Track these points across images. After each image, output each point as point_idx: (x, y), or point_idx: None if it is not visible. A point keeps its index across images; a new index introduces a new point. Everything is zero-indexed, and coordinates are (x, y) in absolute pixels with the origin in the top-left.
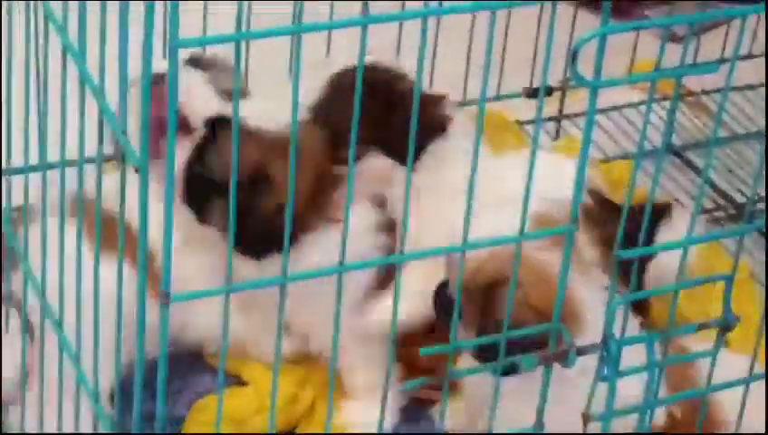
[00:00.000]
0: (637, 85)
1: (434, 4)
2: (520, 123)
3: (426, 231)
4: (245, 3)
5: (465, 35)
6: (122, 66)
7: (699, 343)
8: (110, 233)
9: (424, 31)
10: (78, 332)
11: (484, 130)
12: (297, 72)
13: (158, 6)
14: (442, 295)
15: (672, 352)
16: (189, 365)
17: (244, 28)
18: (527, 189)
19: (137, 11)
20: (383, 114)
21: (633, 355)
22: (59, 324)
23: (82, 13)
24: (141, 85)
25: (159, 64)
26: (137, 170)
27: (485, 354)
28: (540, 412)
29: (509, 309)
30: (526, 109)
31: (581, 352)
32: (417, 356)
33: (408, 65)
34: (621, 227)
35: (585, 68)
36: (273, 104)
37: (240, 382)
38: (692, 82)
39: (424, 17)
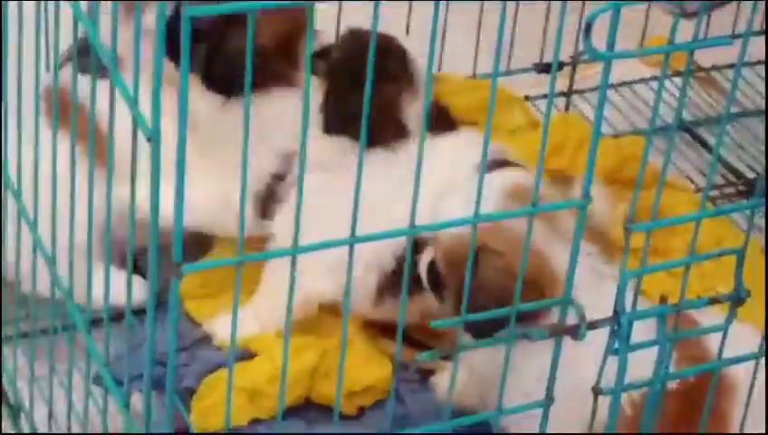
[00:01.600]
0: (647, 60)
1: None
2: (528, 99)
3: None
4: None
5: (475, 10)
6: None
7: (709, 315)
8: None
9: (436, 6)
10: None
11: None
12: (310, 45)
13: None
14: (433, 270)
15: (683, 325)
16: (196, 340)
17: None
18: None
19: None
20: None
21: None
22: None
23: None
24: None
25: None
26: (148, 140)
27: (477, 326)
28: (550, 386)
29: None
30: (532, 84)
31: (592, 326)
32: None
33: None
34: (633, 202)
35: (597, 42)
36: None
37: (249, 354)
38: (703, 59)
39: None
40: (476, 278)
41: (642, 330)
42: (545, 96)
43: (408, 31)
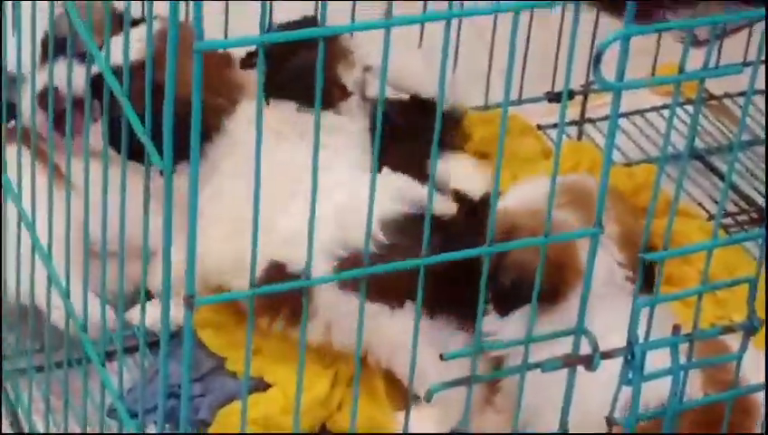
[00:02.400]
0: (658, 89)
1: (456, 6)
2: (540, 127)
3: None
4: (268, 4)
5: (486, 38)
6: (148, 72)
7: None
8: None
9: (447, 33)
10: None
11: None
12: (321, 74)
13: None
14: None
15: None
16: (211, 369)
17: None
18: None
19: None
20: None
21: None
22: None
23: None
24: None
25: None
26: (161, 173)
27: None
28: (564, 414)
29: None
30: (544, 113)
31: (606, 356)
32: None
33: (430, 68)
34: (646, 230)
35: (607, 71)
36: None
37: (264, 384)
38: (714, 87)
39: (447, 20)
40: (506, 255)
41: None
42: (557, 125)
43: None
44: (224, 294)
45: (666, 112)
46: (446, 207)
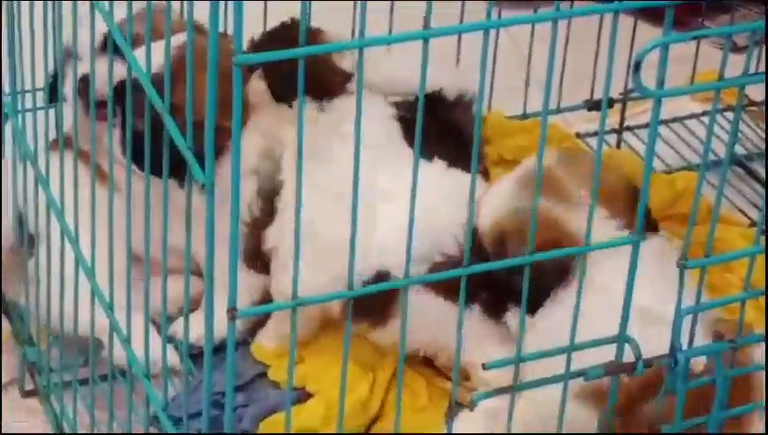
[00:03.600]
0: (696, 96)
1: (494, 17)
2: (579, 136)
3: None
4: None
5: (522, 47)
6: (189, 89)
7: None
8: None
9: (485, 44)
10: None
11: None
12: (360, 86)
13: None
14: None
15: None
16: (252, 379)
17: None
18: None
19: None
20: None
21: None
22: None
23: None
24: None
25: None
26: (202, 187)
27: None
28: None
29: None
30: (583, 121)
31: (648, 364)
32: None
33: (468, 78)
34: (687, 238)
35: (646, 79)
36: None
37: (305, 395)
38: (754, 92)
39: (485, 30)
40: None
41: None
42: (596, 133)
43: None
44: (265, 306)
45: (705, 119)
46: None
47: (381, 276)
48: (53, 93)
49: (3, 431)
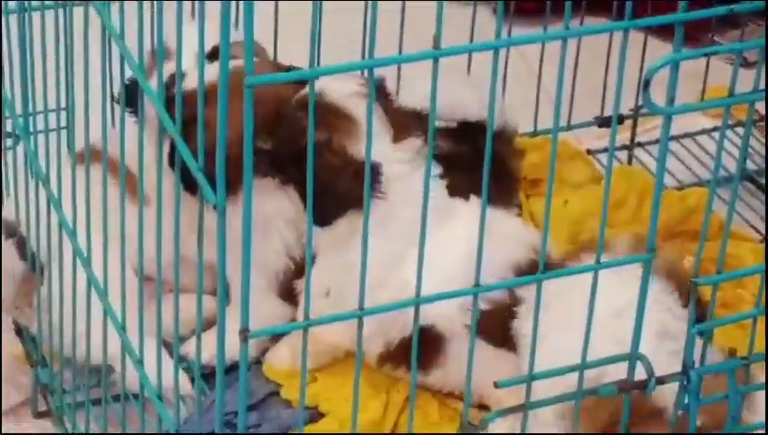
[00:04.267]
0: (708, 111)
1: (504, 35)
2: (590, 152)
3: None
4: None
5: (532, 63)
6: (200, 113)
7: None
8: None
9: (495, 62)
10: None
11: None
12: (371, 106)
13: None
14: None
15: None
16: (264, 398)
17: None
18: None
19: None
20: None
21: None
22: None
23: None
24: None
25: None
26: (214, 207)
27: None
28: None
29: None
30: (594, 137)
31: (661, 381)
32: None
33: (479, 95)
34: (699, 254)
35: (656, 95)
36: None
37: (318, 415)
38: (764, 107)
39: (495, 49)
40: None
41: None
42: (607, 150)
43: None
44: (277, 327)
45: (716, 135)
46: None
47: (424, 331)
48: (133, 102)
49: None
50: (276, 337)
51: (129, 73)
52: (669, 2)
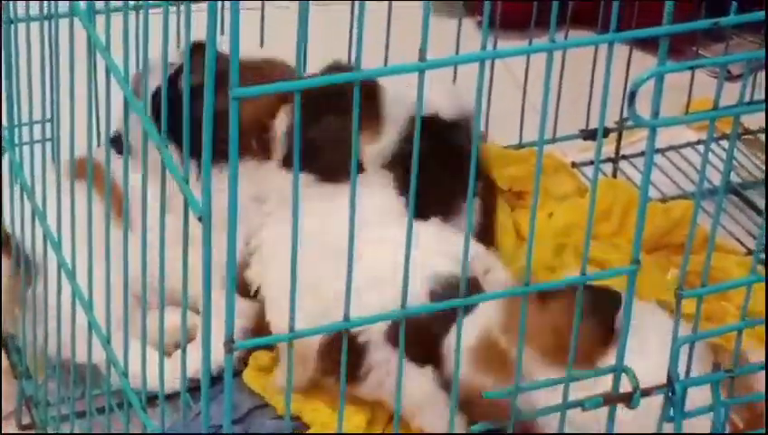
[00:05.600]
0: (692, 124)
1: (489, 47)
2: (575, 165)
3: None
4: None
5: (517, 75)
6: (188, 126)
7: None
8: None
9: (481, 75)
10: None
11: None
12: (357, 118)
13: None
14: None
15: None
16: (248, 411)
17: None
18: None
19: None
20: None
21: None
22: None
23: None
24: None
25: None
26: (200, 219)
27: None
28: None
29: None
30: (579, 150)
31: (646, 393)
32: None
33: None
34: (683, 267)
35: (641, 108)
36: None
37: (303, 425)
38: (749, 120)
39: (481, 61)
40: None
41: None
42: (592, 162)
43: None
44: (263, 338)
45: (701, 147)
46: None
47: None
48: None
49: None
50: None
51: (114, 86)
52: (654, 15)
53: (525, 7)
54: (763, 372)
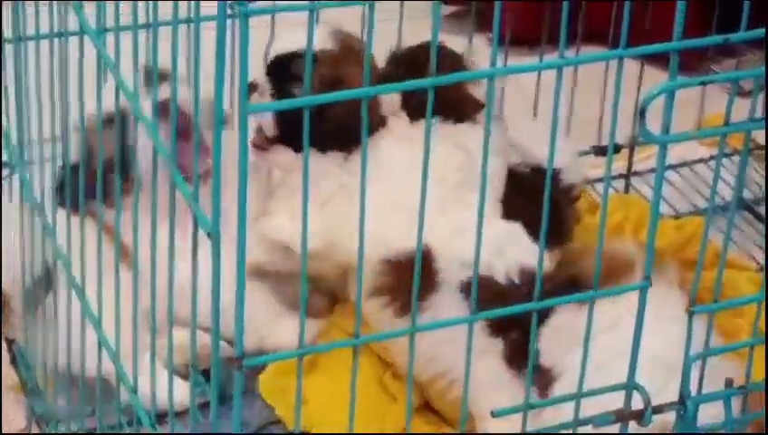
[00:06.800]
0: (704, 140)
1: (500, 64)
2: (587, 181)
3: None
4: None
5: (530, 93)
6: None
7: None
8: None
9: (491, 90)
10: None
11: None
12: (366, 133)
13: None
14: None
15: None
16: (261, 426)
17: None
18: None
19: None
20: None
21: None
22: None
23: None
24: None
25: None
26: (208, 235)
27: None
28: None
29: None
30: (590, 166)
31: (657, 410)
32: None
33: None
34: (695, 283)
35: (653, 124)
36: None
37: None
38: (760, 136)
39: (490, 78)
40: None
41: None
42: (603, 179)
43: None
44: (272, 355)
45: (713, 163)
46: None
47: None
48: None
49: None
50: None
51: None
52: (665, 30)
53: (536, 24)
54: None
